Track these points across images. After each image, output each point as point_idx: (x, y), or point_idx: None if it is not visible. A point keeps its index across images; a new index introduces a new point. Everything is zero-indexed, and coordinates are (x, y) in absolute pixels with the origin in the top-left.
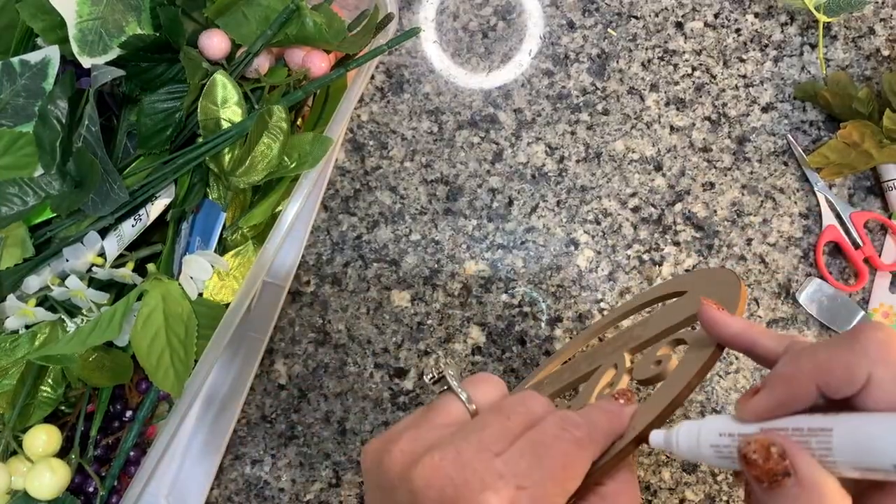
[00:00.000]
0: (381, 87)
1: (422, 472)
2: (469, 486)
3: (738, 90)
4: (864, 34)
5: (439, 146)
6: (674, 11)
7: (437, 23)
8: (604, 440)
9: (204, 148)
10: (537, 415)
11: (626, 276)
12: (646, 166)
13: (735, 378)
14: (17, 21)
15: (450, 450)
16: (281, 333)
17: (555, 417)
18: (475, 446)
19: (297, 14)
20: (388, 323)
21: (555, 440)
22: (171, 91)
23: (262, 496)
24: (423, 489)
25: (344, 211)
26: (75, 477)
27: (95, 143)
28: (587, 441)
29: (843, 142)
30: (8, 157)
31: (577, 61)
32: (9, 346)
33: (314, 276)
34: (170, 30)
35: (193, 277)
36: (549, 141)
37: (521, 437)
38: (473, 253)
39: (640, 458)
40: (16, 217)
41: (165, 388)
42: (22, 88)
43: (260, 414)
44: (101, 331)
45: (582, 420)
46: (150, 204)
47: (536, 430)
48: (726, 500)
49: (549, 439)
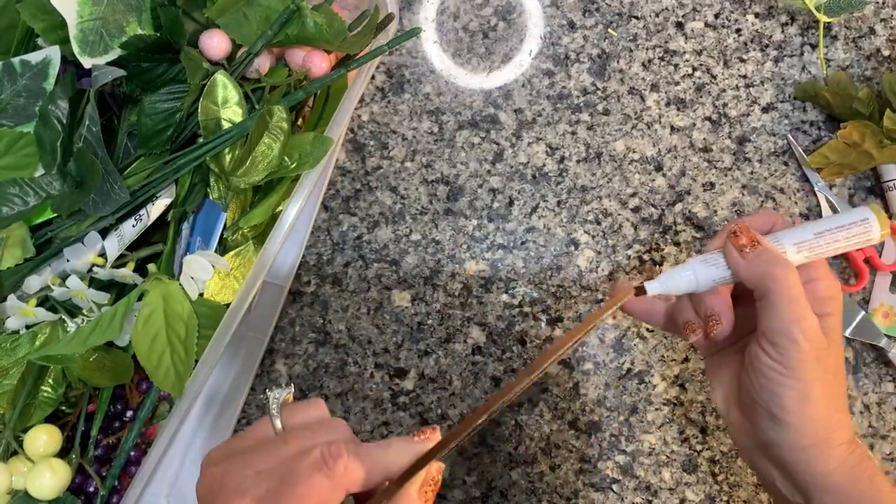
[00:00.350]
0: (381, 88)
1: (202, 479)
2: (215, 497)
3: (738, 90)
4: (865, 34)
5: (440, 146)
6: (674, 11)
7: (437, 23)
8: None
9: (204, 148)
10: (316, 442)
11: (627, 276)
12: (646, 166)
13: None
14: (18, 21)
15: (221, 466)
16: (281, 333)
17: (321, 448)
18: (241, 466)
19: (298, 14)
20: (389, 323)
21: (307, 469)
22: (172, 91)
23: None
24: (198, 489)
25: (344, 211)
26: (76, 477)
27: (96, 143)
28: (341, 474)
29: (844, 142)
30: (9, 158)
31: (577, 61)
32: (9, 346)
33: (315, 276)
34: (170, 30)
35: (194, 277)
36: (549, 141)
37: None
38: (474, 253)
39: (640, 458)
40: (16, 217)
41: (166, 388)
42: (23, 88)
43: (260, 414)
44: (101, 331)
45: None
46: (151, 204)
47: (302, 455)
48: (726, 500)
49: (302, 468)
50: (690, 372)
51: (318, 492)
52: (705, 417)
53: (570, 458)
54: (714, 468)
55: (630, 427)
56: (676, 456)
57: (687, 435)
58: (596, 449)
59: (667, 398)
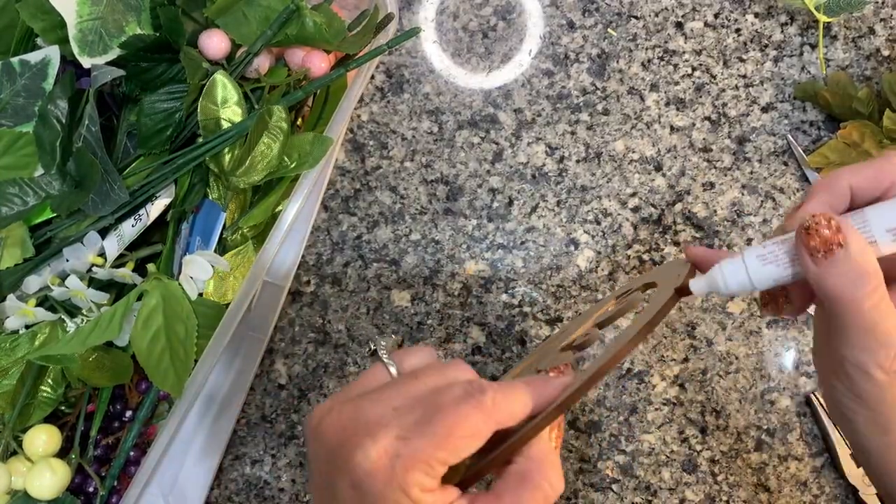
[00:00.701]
0: (381, 87)
1: (328, 422)
2: (355, 432)
3: (738, 90)
4: (864, 34)
5: (439, 146)
6: (674, 11)
7: (437, 23)
8: (515, 409)
9: (204, 148)
10: (450, 379)
11: (626, 276)
12: (646, 166)
13: (735, 378)
14: (17, 21)
15: (349, 405)
16: (281, 333)
17: (464, 383)
18: (374, 402)
19: (297, 14)
20: (389, 323)
21: (453, 401)
22: (172, 91)
23: (262, 496)
24: (323, 437)
25: (344, 211)
26: (75, 477)
27: (95, 143)
28: (490, 406)
29: (844, 142)
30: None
31: (577, 61)
32: (9, 346)
33: (314, 276)
34: (170, 30)
35: (193, 277)
36: (549, 141)
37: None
38: (473, 253)
39: (640, 458)
40: (16, 217)
41: (165, 388)
42: (22, 88)
43: (260, 414)
44: (101, 331)
45: (493, 388)
46: (150, 204)
47: (440, 391)
48: (726, 500)
49: (447, 400)
50: (690, 372)
51: (471, 423)
52: (705, 417)
53: (570, 458)
54: (714, 468)
55: (630, 427)
56: (676, 456)
57: (687, 435)
58: (596, 449)
59: (666, 398)
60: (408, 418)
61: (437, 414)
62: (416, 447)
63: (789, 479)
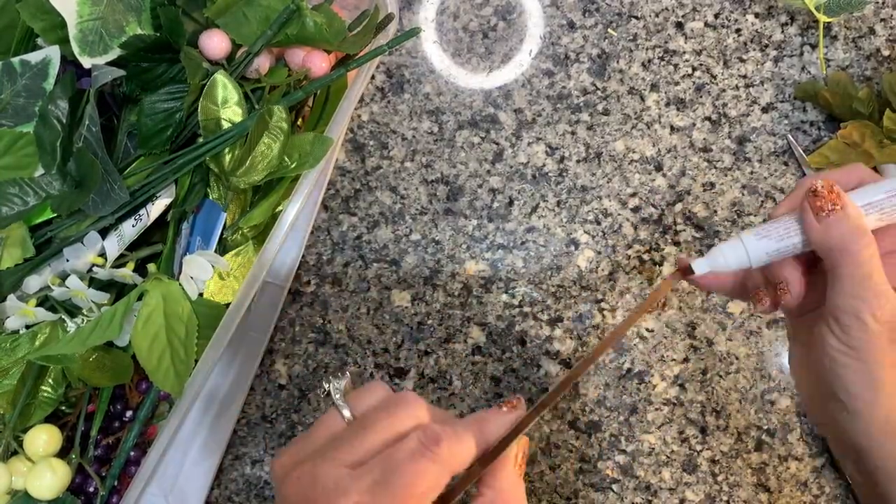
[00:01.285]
0: (381, 88)
1: (288, 486)
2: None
3: (738, 90)
4: (865, 34)
5: (439, 146)
6: (674, 11)
7: (437, 23)
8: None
9: (204, 148)
10: (403, 428)
11: (627, 276)
12: (646, 166)
13: (735, 378)
14: (18, 21)
15: (307, 466)
16: (281, 333)
17: (417, 434)
18: (331, 463)
19: (298, 14)
20: (389, 323)
21: (408, 457)
22: (172, 91)
23: (262, 496)
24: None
25: (344, 211)
26: (76, 477)
27: (96, 143)
28: (447, 457)
29: (844, 142)
30: (8, 157)
31: (577, 61)
32: (9, 346)
33: (314, 276)
34: (170, 30)
35: (194, 277)
36: (549, 141)
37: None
38: (473, 253)
39: (640, 458)
40: (16, 217)
41: (165, 388)
42: (22, 88)
43: (260, 414)
44: (101, 331)
45: (447, 436)
46: (151, 204)
47: (396, 447)
48: (726, 500)
49: (402, 456)
50: (690, 372)
51: (428, 478)
52: (705, 417)
53: (570, 458)
54: (714, 468)
55: (630, 427)
56: (676, 456)
57: (687, 435)
58: (596, 449)
59: (667, 398)
60: (365, 480)
61: (393, 474)
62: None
63: (789, 479)
